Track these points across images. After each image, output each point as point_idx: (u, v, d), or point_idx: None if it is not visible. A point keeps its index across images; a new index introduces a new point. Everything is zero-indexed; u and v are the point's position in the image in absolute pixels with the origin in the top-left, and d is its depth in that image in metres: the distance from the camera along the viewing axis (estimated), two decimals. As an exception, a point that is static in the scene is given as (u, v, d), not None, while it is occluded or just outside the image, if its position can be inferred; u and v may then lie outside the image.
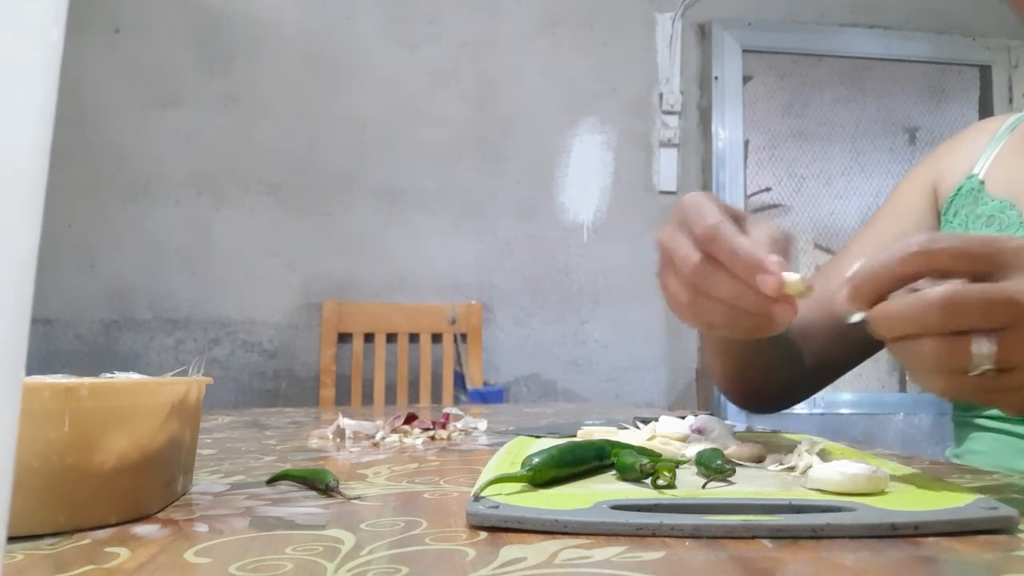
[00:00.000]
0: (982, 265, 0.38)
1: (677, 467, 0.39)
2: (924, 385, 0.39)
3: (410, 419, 0.69)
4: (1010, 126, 0.74)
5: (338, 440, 0.65)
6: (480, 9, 2.16)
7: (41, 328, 1.91)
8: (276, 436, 0.70)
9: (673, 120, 2.21)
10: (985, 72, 2.39)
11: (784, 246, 0.45)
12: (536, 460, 0.39)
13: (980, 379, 0.37)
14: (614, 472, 0.42)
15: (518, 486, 0.38)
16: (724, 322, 0.46)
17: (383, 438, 0.64)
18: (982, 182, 0.70)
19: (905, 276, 0.38)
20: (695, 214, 0.45)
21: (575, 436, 0.55)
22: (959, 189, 0.72)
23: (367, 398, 1.95)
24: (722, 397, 2.15)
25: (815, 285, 0.43)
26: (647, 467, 0.39)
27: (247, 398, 1.98)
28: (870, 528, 0.30)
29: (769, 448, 0.48)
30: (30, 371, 0.25)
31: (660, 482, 0.38)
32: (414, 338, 1.99)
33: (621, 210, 2.17)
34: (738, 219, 0.46)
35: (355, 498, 0.39)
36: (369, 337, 1.97)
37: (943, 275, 0.38)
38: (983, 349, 0.36)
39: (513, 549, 0.29)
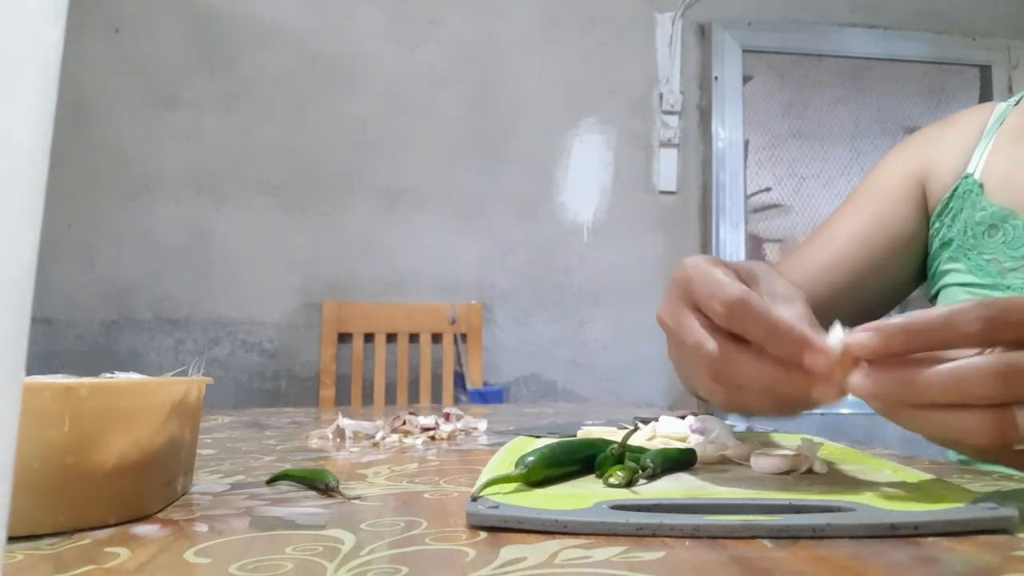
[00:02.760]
0: None
1: (638, 472, 0.40)
2: (955, 449, 0.36)
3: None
4: (998, 118, 0.71)
5: (338, 440, 0.65)
6: (480, 9, 2.16)
7: (41, 328, 1.91)
8: (276, 436, 0.70)
9: (673, 120, 2.21)
10: (985, 72, 2.39)
11: (806, 305, 0.40)
12: (530, 459, 0.39)
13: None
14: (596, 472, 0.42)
15: (517, 486, 0.38)
16: (758, 407, 0.39)
17: (383, 438, 0.64)
18: (980, 184, 0.68)
19: (948, 344, 0.33)
20: (707, 292, 0.38)
21: (575, 436, 0.55)
22: (955, 190, 0.69)
23: (367, 398, 1.95)
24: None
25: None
26: (616, 451, 0.41)
27: (247, 398, 1.98)
28: (870, 528, 0.30)
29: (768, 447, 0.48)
30: (30, 371, 0.25)
31: (612, 480, 0.38)
32: (414, 338, 1.99)
33: (621, 210, 2.17)
34: (747, 279, 0.41)
35: (355, 498, 0.39)
36: (369, 337, 1.97)
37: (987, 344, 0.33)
38: None
39: (513, 549, 0.29)
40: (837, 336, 0.36)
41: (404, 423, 0.68)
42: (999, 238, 0.65)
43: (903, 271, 0.73)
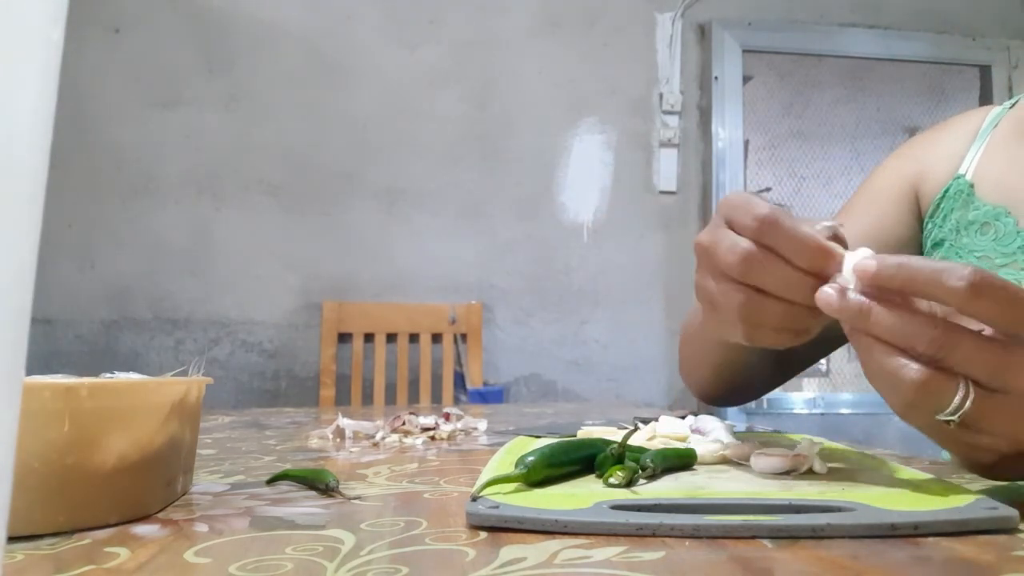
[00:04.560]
0: None
1: (638, 472, 0.40)
2: (880, 392, 0.37)
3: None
4: (992, 121, 0.71)
5: (338, 440, 0.65)
6: (480, 9, 2.16)
7: (41, 328, 1.91)
8: (276, 436, 0.70)
9: (673, 120, 2.20)
10: (985, 72, 2.39)
11: (840, 236, 0.43)
12: (530, 459, 0.39)
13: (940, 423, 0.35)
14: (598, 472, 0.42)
15: (517, 486, 0.38)
16: (774, 321, 0.41)
17: (383, 438, 0.64)
18: (971, 184, 0.68)
19: (930, 295, 0.35)
20: (743, 209, 0.40)
21: (575, 436, 0.55)
22: (946, 191, 0.70)
23: (367, 398, 1.95)
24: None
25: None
26: (616, 451, 0.41)
27: (247, 398, 1.98)
28: (870, 528, 0.30)
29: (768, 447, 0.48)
30: (30, 371, 0.25)
31: (612, 480, 0.38)
32: (414, 338, 1.99)
33: (621, 210, 2.17)
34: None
35: (355, 498, 0.39)
36: (369, 337, 1.97)
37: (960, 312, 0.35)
38: (956, 400, 0.34)
39: (513, 549, 0.29)
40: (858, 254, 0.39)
41: (404, 423, 0.68)
42: (990, 235, 0.66)
43: None
